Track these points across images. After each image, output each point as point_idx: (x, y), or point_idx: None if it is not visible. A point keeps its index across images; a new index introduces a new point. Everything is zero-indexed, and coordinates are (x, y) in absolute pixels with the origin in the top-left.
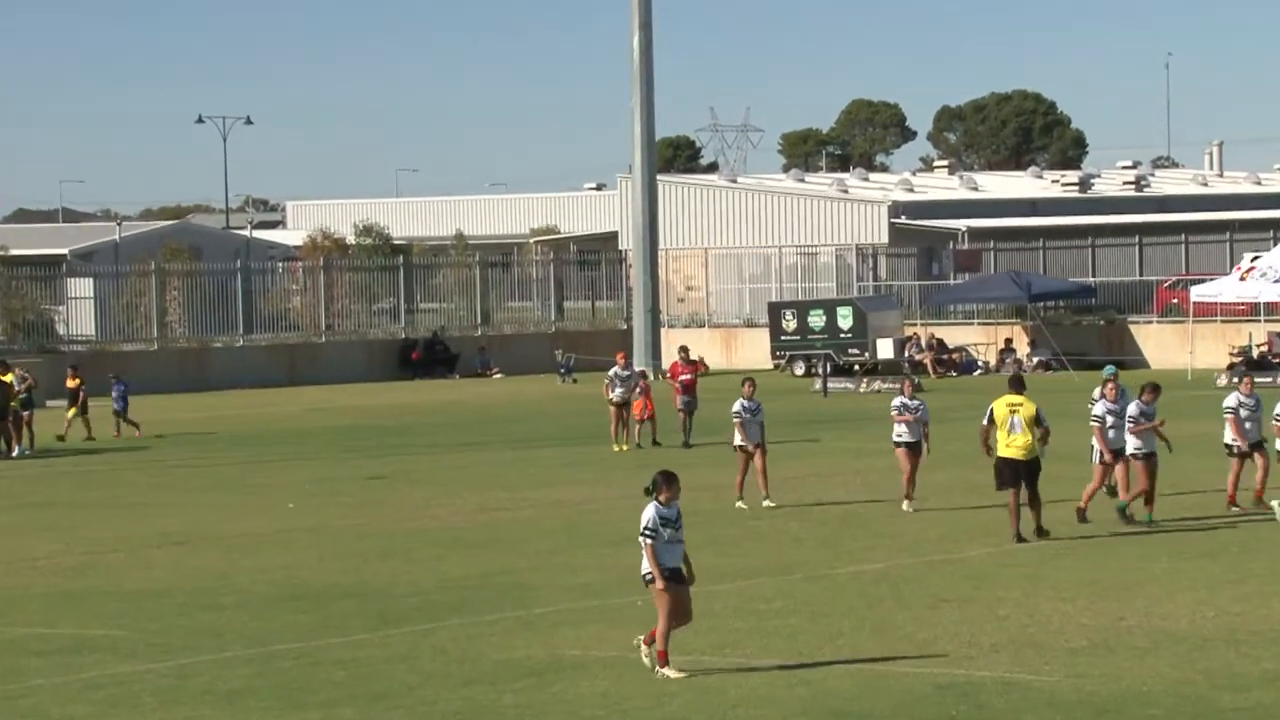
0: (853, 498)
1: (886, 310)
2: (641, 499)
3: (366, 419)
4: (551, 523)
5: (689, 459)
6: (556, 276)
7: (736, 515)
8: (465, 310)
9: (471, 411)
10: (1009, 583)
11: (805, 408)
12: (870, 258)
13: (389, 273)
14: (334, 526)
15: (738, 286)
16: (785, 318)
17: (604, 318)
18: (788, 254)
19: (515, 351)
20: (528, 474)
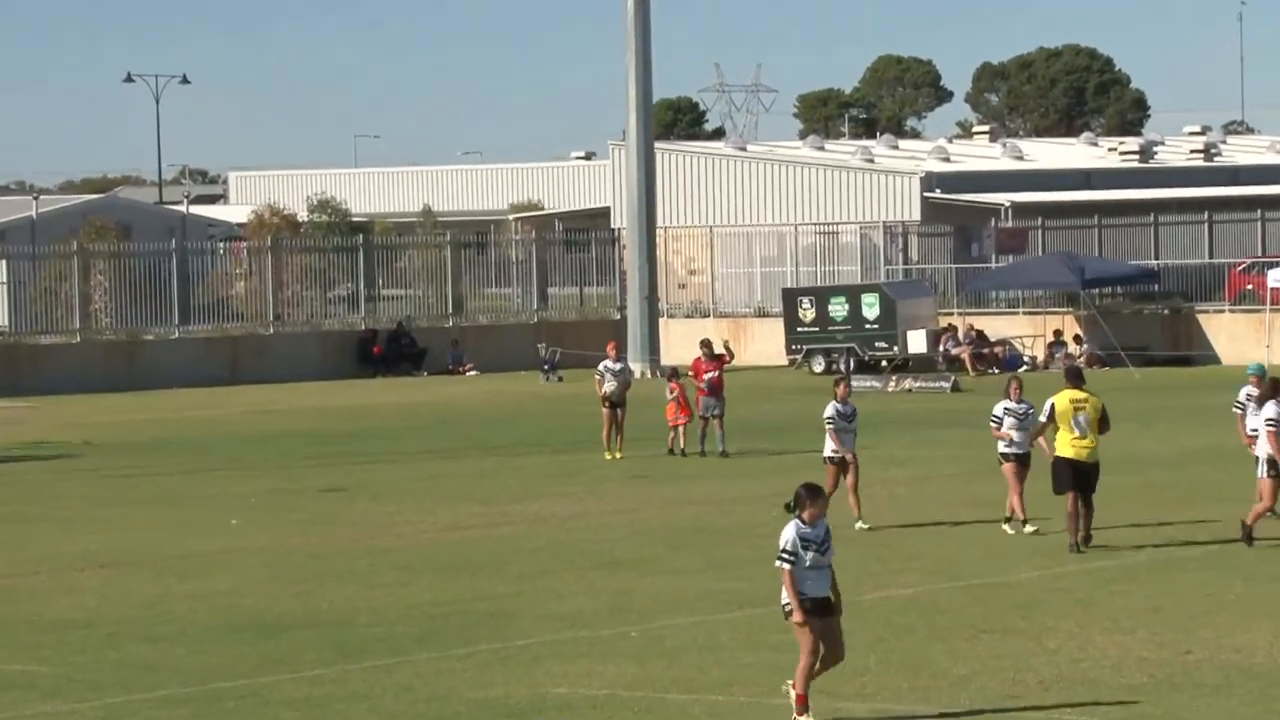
0: (879, 514)
1: (918, 298)
2: (636, 514)
3: (321, 422)
4: (534, 542)
5: (697, 469)
6: (539, 259)
7: (744, 535)
8: (434, 298)
9: (442, 414)
10: (1059, 611)
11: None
12: (899, 237)
13: (346, 254)
14: (284, 546)
15: (747, 270)
16: (802, 306)
17: (594, 306)
18: (805, 233)
19: (492, 345)
20: (507, 486)
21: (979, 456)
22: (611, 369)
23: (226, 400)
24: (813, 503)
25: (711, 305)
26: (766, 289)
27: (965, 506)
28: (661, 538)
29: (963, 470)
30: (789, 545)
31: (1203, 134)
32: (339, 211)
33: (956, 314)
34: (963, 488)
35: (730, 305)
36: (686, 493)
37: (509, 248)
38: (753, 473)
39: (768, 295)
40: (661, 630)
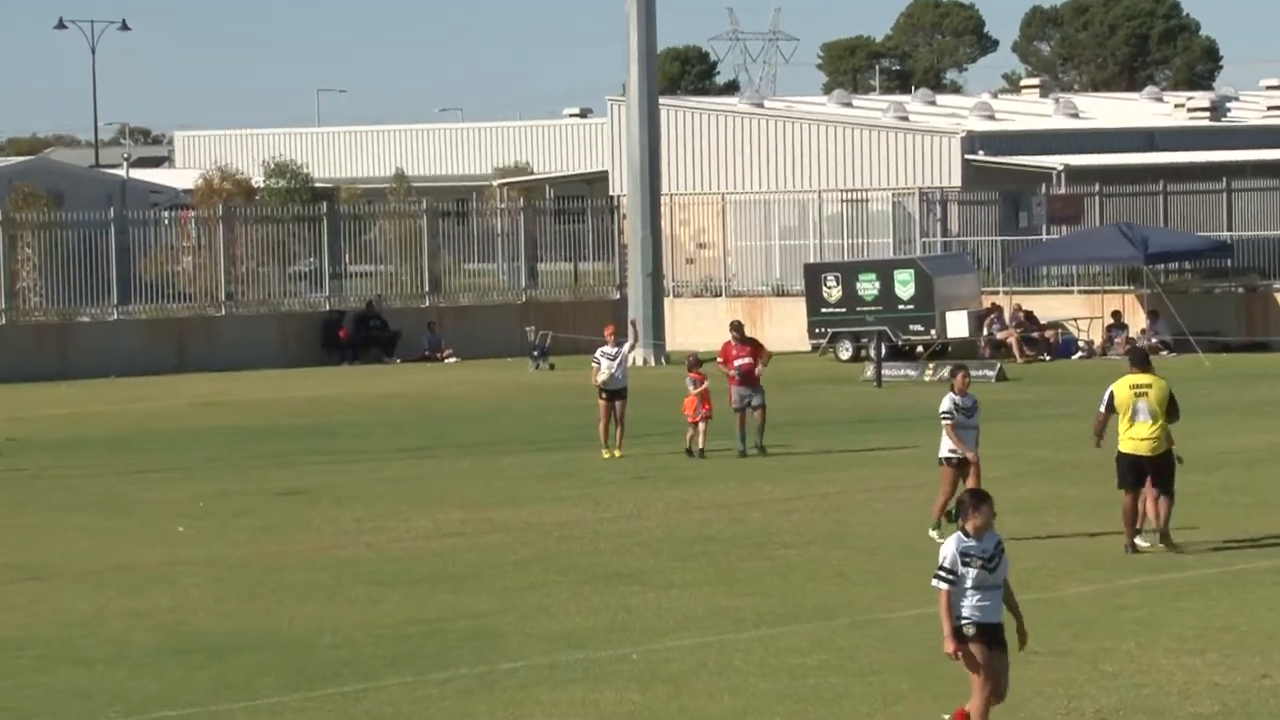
0: (913, 520)
1: (959, 274)
2: (637, 520)
3: (279, 416)
4: (522, 552)
5: (706, 470)
6: (528, 231)
7: (759, 544)
8: (408, 275)
9: (417, 407)
10: (1119, 630)
11: (853, 402)
12: (938, 205)
13: (308, 225)
14: (237, 557)
15: (764, 243)
16: (827, 284)
17: (590, 285)
18: (830, 201)
19: (474, 328)
20: (491, 488)
21: (1028, 456)
22: (609, 354)
23: (171, 391)
24: (977, 511)
25: (723, 283)
26: (786, 264)
27: (1010, 513)
28: (666, 547)
29: (1009, 471)
30: (948, 561)
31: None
32: (299, 176)
33: (1002, 293)
34: (1008, 491)
35: (745, 283)
36: (694, 496)
37: (493, 218)
38: (769, 474)
39: (788, 271)
40: (666, 652)
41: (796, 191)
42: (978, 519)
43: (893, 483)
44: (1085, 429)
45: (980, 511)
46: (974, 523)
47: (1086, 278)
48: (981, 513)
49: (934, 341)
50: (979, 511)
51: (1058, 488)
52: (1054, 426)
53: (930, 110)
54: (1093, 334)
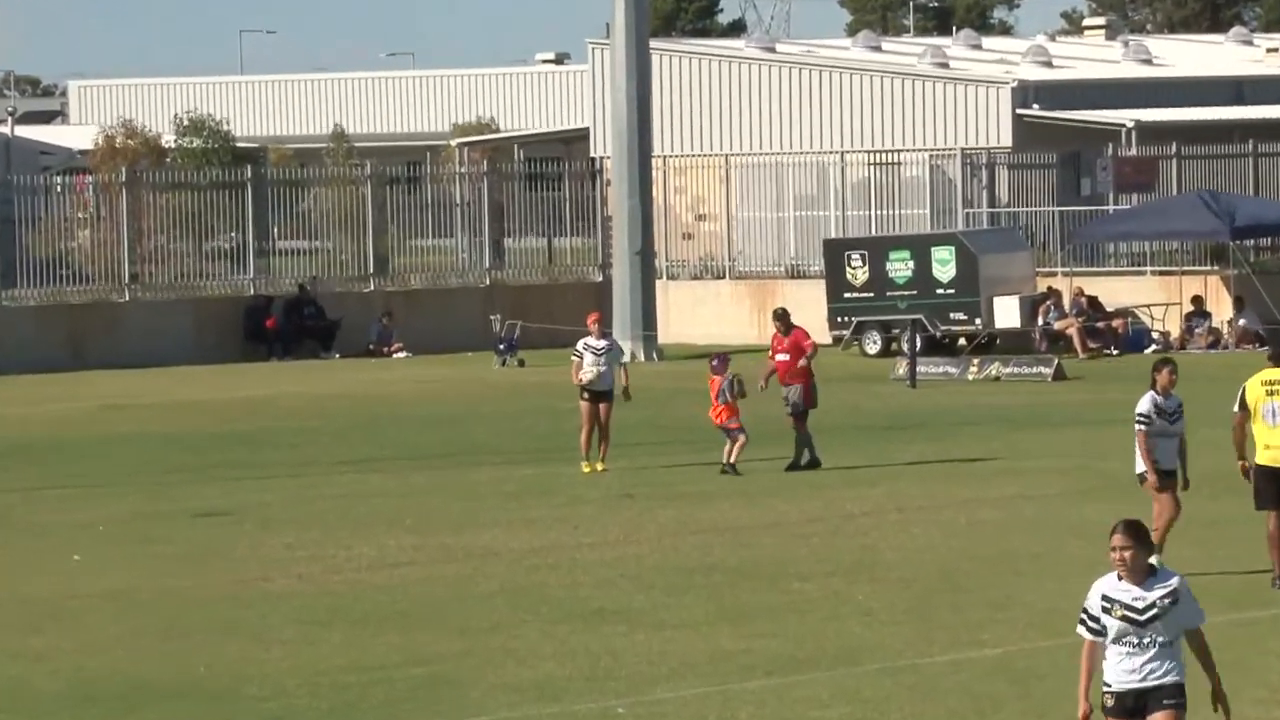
0: (954, 546)
1: (1009, 252)
2: (624, 547)
3: (196, 422)
4: (485, 585)
5: (706, 485)
6: (493, 200)
7: (771, 575)
8: (350, 252)
9: (361, 411)
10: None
11: (882, 404)
12: (984, 170)
13: (230, 193)
14: (148, 590)
15: (776, 215)
16: (851, 264)
17: (568, 264)
18: (855, 164)
19: (429, 317)
20: (449, 509)
21: (1094, 469)
22: (594, 348)
23: (67, 391)
24: (1139, 545)
25: (727, 263)
26: (803, 240)
27: (1072, 536)
28: (659, 579)
29: (1069, 487)
30: (1093, 608)
31: None
32: (218, 134)
33: (1061, 274)
34: (1070, 510)
35: (753, 262)
36: (693, 518)
37: (451, 184)
38: (783, 491)
39: (804, 249)
40: (659, 705)
41: (815, 153)
42: (1132, 557)
43: (931, 501)
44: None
45: (1139, 546)
46: (1130, 566)
47: (1161, 256)
48: (1141, 547)
49: (979, 332)
50: (1139, 545)
51: (1130, 507)
52: (1123, 434)
53: (975, 56)
54: (1169, 323)
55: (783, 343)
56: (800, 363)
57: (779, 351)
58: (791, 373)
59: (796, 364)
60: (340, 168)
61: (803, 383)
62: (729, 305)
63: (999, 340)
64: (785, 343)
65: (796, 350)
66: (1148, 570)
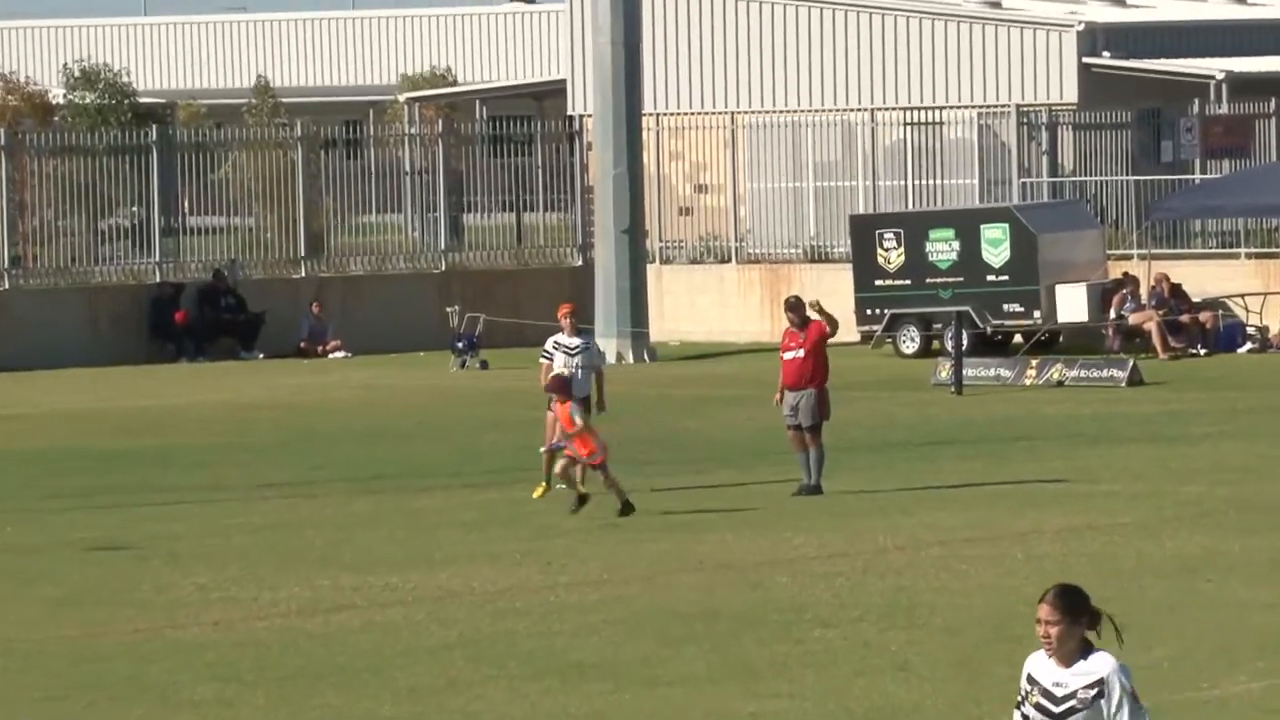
0: (1007, 587)
1: (1075, 230)
2: (608, 587)
3: (91, 436)
4: (440, 634)
5: (705, 515)
6: (450, 167)
7: (786, 622)
8: (277, 230)
9: (289, 423)
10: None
11: (921, 415)
12: (1044, 131)
13: (131, 159)
14: (32, 640)
15: (793, 185)
16: (884, 245)
17: (539, 245)
18: (888, 124)
19: (372, 309)
20: (396, 541)
21: (1175, 494)
22: (566, 346)
23: None
24: (1066, 617)
25: (733, 244)
26: (825, 217)
27: (1152, 575)
28: (650, 626)
29: (1150, 515)
30: (1021, 685)
31: None
32: (117, 88)
33: (1137, 257)
34: (1147, 544)
35: (765, 243)
36: (692, 551)
37: (399, 148)
38: (800, 519)
39: (827, 227)
40: None
41: (840, 110)
42: (1055, 628)
43: (980, 533)
44: (1263, 454)
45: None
46: (1045, 632)
47: (1259, 236)
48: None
49: (1038, 328)
50: (1056, 613)
51: (1218, 539)
52: (1211, 451)
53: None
54: (1268, 317)
55: (796, 338)
56: (815, 363)
57: (790, 348)
58: (805, 374)
59: (812, 364)
60: (264, 128)
61: (818, 387)
62: (735, 295)
63: (1062, 337)
64: (800, 338)
65: (814, 348)
66: (1079, 650)
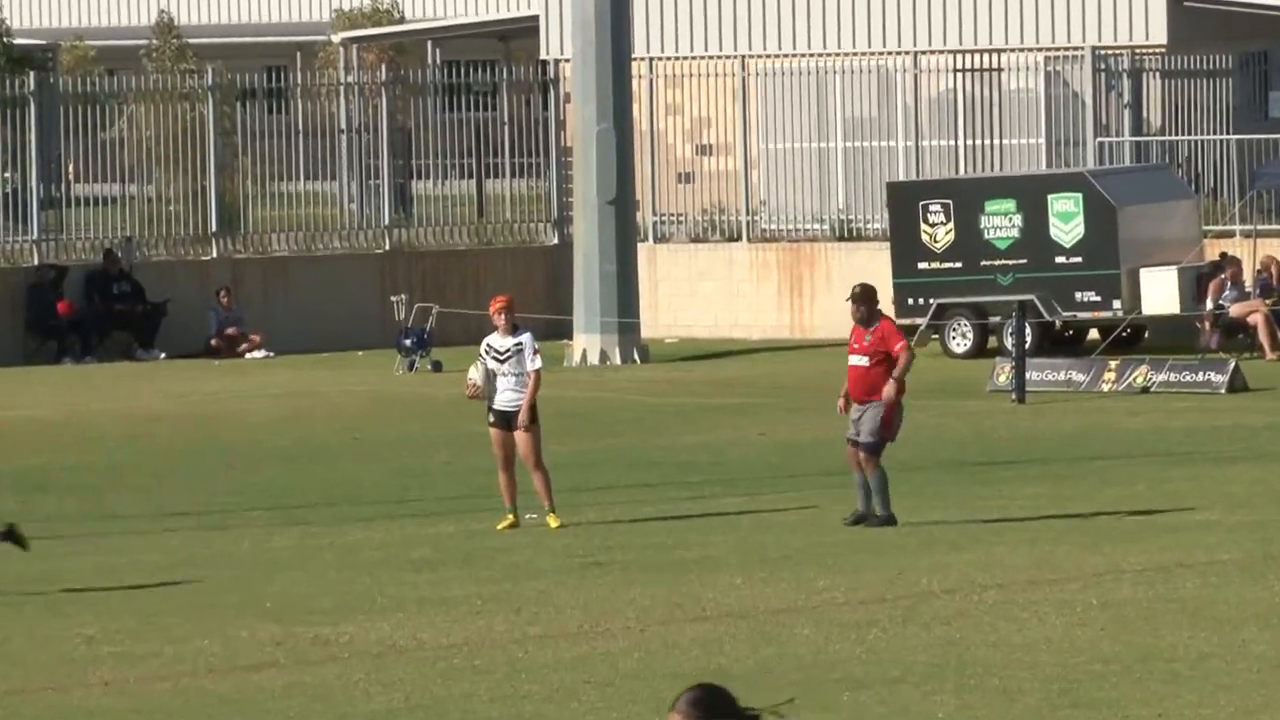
0: (1078, 640)
1: (1163, 201)
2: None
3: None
4: (383, 697)
5: (707, 550)
6: (396, 123)
7: (810, 682)
8: (182, 201)
9: (197, 438)
10: None
11: (975, 429)
12: (1126, 79)
13: (3, 113)
14: None
15: (818, 146)
16: (929, 220)
17: (506, 220)
18: (933, 70)
19: (301, 298)
20: (328, 584)
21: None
22: (498, 351)
23: None
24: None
25: (745, 218)
26: (857, 185)
27: (1256, 625)
28: (644, 689)
29: (1251, 552)
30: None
31: None
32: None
33: (1240, 235)
34: (1249, 587)
35: (783, 217)
36: (692, 597)
37: (333, 100)
38: (821, 556)
39: (859, 197)
40: None
41: (874, 54)
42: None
43: (1045, 573)
44: None
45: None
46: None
47: None
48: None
49: (1119, 321)
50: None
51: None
52: None
53: None
54: None
55: (860, 338)
56: (884, 371)
57: (855, 351)
58: (869, 385)
59: (876, 372)
60: (167, 76)
61: (885, 398)
62: (746, 281)
63: (1148, 333)
64: (865, 338)
65: (880, 352)
66: None
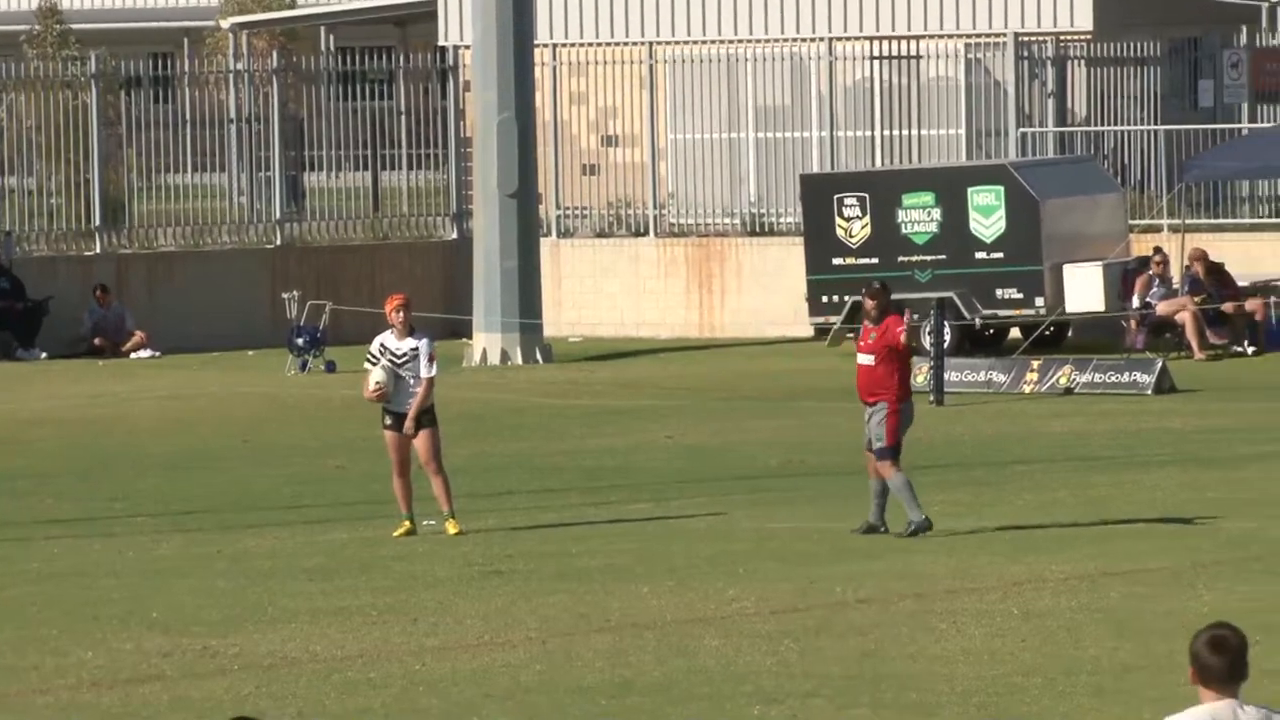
0: (999, 652)
1: (1089, 194)
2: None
3: None
4: (273, 712)
5: (612, 558)
6: (288, 113)
7: (719, 695)
8: (64, 194)
9: (78, 443)
10: None
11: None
12: (1050, 67)
13: None
14: None
15: (728, 137)
16: (844, 214)
17: (403, 214)
18: (848, 58)
19: (188, 296)
20: (214, 594)
21: (1212, 531)
22: (393, 352)
23: None
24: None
25: (652, 211)
26: (769, 177)
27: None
28: (544, 702)
29: (1179, 561)
30: None
31: None
32: None
33: (1168, 229)
34: (1176, 597)
35: (692, 211)
36: (598, 607)
37: (221, 89)
38: (731, 565)
39: (772, 190)
40: None
41: (788, 41)
42: None
43: (964, 582)
44: None
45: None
46: None
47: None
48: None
49: (1042, 320)
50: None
51: (1269, 589)
52: (1261, 476)
53: None
54: None
55: (868, 336)
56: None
57: (864, 350)
58: (874, 384)
59: (883, 373)
60: (48, 63)
61: (891, 399)
62: (654, 277)
63: (1072, 332)
64: (872, 335)
65: (884, 348)
66: None
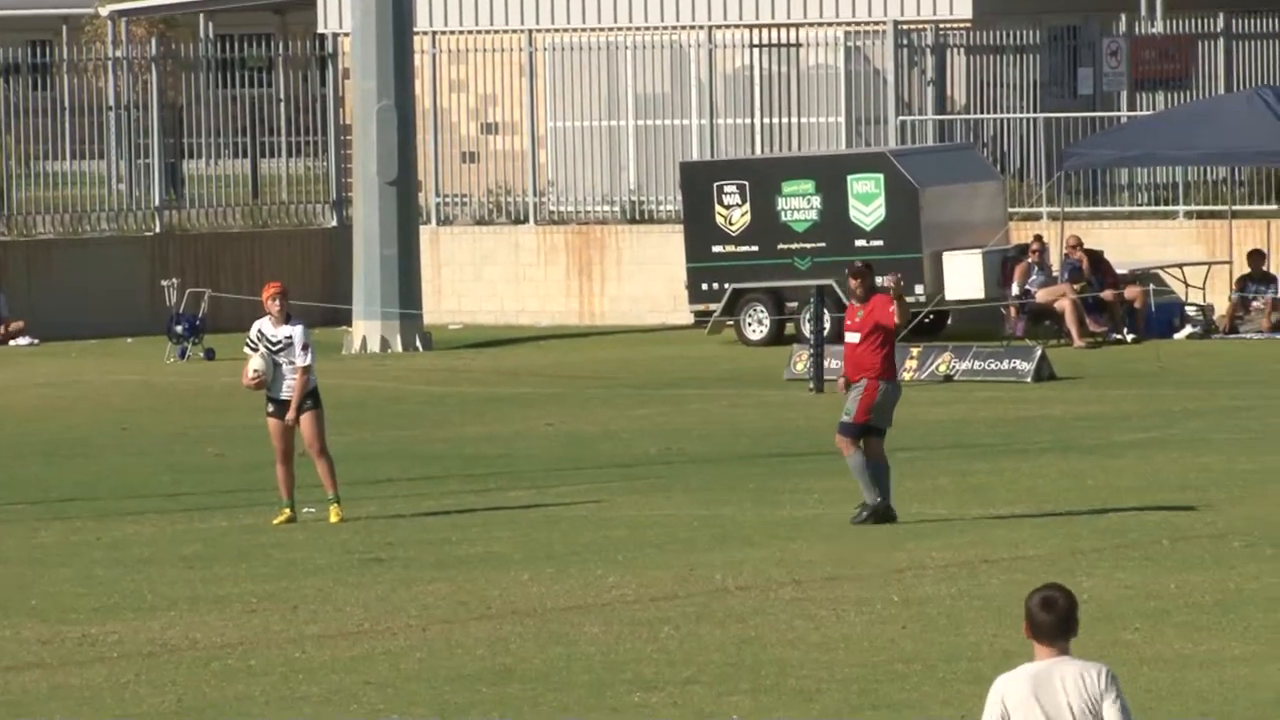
0: (878, 639)
1: (968, 182)
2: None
3: None
4: (154, 699)
5: (493, 544)
6: (167, 100)
7: (600, 684)
8: None
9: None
10: None
11: (772, 417)
12: (930, 55)
13: None
14: None
15: (608, 125)
16: (723, 202)
17: (282, 201)
18: (729, 46)
19: (66, 283)
20: (93, 581)
21: (1091, 520)
22: (269, 338)
23: None
24: None
25: (533, 199)
26: (649, 165)
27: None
28: (425, 690)
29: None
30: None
31: None
32: None
33: (1048, 217)
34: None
35: (572, 199)
36: (478, 594)
37: (100, 76)
38: (610, 552)
39: (651, 178)
40: None
41: (667, 28)
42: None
43: (844, 569)
44: (1206, 466)
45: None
46: None
47: (1201, 190)
48: None
49: (921, 308)
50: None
51: (1148, 577)
52: (1140, 464)
53: None
54: (1211, 293)
55: (854, 315)
56: (872, 348)
57: (851, 329)
58: (863, 363)
59: (866, 348)
60: None
61: (874, 376)
62: (534, 265)
63: (951, 319)
64: (861, 314)
65: (874, 325)
66: None
